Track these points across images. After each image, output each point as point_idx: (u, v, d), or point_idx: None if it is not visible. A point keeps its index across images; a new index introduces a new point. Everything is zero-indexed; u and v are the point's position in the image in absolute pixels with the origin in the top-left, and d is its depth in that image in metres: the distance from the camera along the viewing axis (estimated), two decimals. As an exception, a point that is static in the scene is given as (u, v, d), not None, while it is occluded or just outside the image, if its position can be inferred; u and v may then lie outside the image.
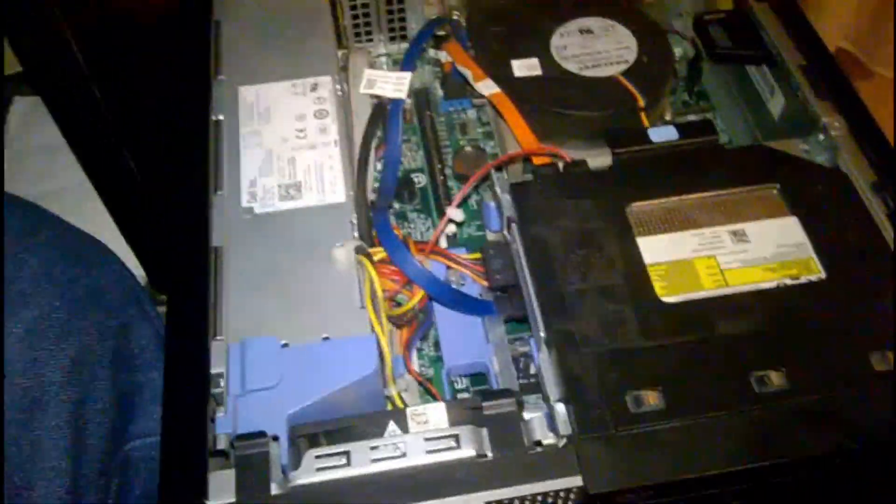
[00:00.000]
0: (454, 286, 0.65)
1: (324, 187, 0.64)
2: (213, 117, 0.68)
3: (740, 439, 0.49)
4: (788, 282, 0.56)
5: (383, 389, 0.57)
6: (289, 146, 0.67)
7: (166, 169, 0.62)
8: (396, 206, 0.78)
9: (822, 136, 0.65)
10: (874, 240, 0.58)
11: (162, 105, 0.66)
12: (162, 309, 0.66)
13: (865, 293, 0.55)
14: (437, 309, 0.64)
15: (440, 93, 0.86)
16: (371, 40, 0.85)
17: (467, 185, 0.63)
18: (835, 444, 0.49)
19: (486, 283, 0.64)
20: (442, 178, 0.78)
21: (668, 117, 0.74)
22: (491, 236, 0.70)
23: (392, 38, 0.86)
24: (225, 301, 0.57)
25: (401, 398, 0.57)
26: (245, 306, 0.57)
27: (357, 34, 0.85)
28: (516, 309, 0.61)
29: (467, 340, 0.63)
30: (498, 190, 0.62)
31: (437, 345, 0.65)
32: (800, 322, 0.54)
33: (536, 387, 0.58)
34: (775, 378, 0.51)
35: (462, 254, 0.66)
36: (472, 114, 0.84)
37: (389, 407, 0.58)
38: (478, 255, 0.66)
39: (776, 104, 0.75)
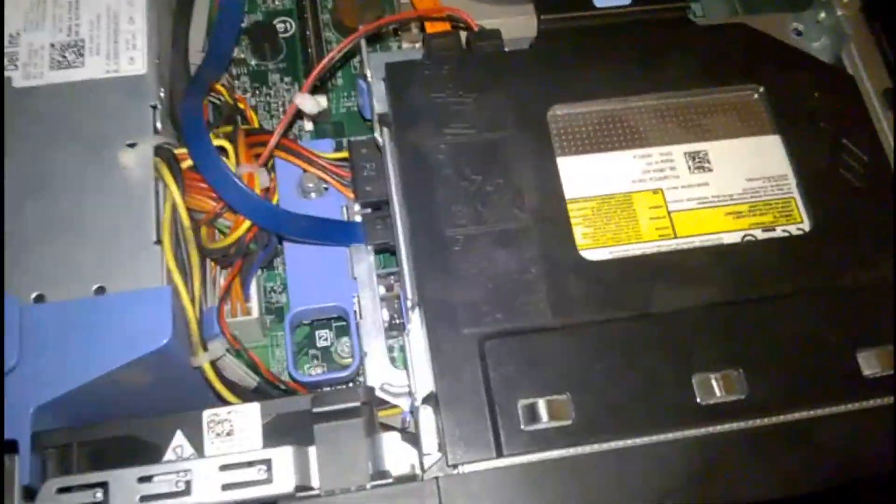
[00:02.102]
0: (309, 194, 0.48)
1: (117, 50, 0.44)
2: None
3: (675, 475, 0.35)
4: (759, 234, 0.41)
5: (186, 361, 0.40)
6: (71, -19, 0.46)
7: None
8: (252, 63, 0.58)
9: (823, 14, 0.47)
10: (879, 175, 0.42)
11: None
12: None
13: (861, 258, 0.40)
14: (284, 229, 0.46)
15: None
16: None
17: (322, 63, 0.43)
18: (807, 483, 0.35)
19: (352, 196, 0.47)
20: (315, 27, 0.58)
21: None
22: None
23: None
24: (-54, 229, 0.39)
25: (215, 372, 0.41)
26: (-20, 237, 0.39)
27: None
28: (392, 236, 0.44)
29: (323, 275, 0.46)
30: (369, 73, 0.43)
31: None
32: (769, 298, 0.38)
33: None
34: (729, 384, 0.36)
35: (324, 150, 0.48)
36: (363, -64, 0.62)
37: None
38: (345, 155, 0.48)
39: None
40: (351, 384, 0.47)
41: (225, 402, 0.41)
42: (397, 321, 0.47)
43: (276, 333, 0.50)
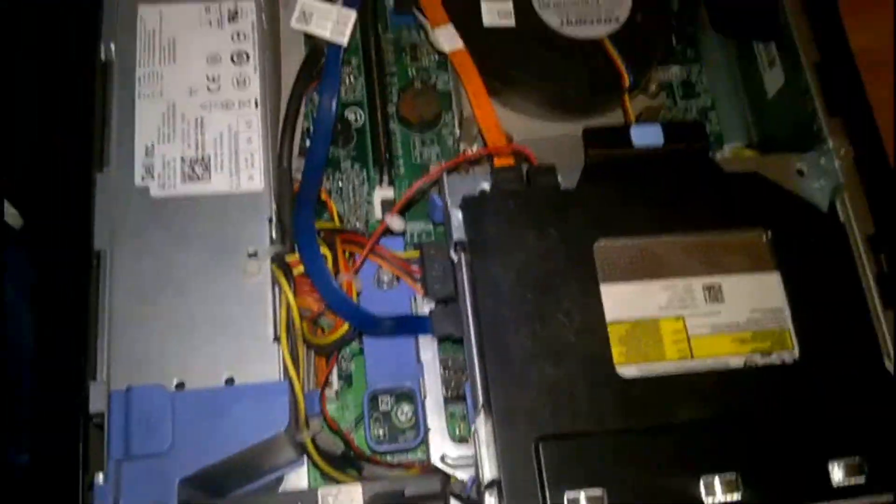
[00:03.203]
0: (384, 286, 0.57)
1: (238, 167, 0.53)
2: (102, 54, 0.53)
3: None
4: (758, 359, 0.50)
5: (295, 437, 0.50)
6: (197, 101, 0.54)
7: (32, 138, 0.49)
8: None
9: (823, 160, 0.57)
10: (858, 315, 0.52)
11: (28, 35, 0.51)
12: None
13: (837, 385, 0.50)
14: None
15: (390, 1, 0.71)
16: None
17: (411, 191, 0.52)
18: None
19: (420, 290, 0.56)
20: (383, 119, 0.67)
21: (653, 89, 0.64)
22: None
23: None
24: (107, 327, 0.48)
25: (314, 445, 0.50)
26: (133, 332, 0.48)
27: None
28: (456, 329, 0.53)
29: (395, 360, 0.55)
30: (448, 202, 0.52)
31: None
32: (763, 414, 0.49)
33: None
34: (726, 487, 0.46)
35: (396, 249, 0.57)
36: (426, 33, 0.71)
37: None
38: (415, 254, 0.57)
39: (773, 80, 0.65)
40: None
41: (319, 469, 0.51)
42: (452, 395, 0.56)
43: (345, 397, 0.59)
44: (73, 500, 0.43)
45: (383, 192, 0.64)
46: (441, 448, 0.53)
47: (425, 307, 0.56)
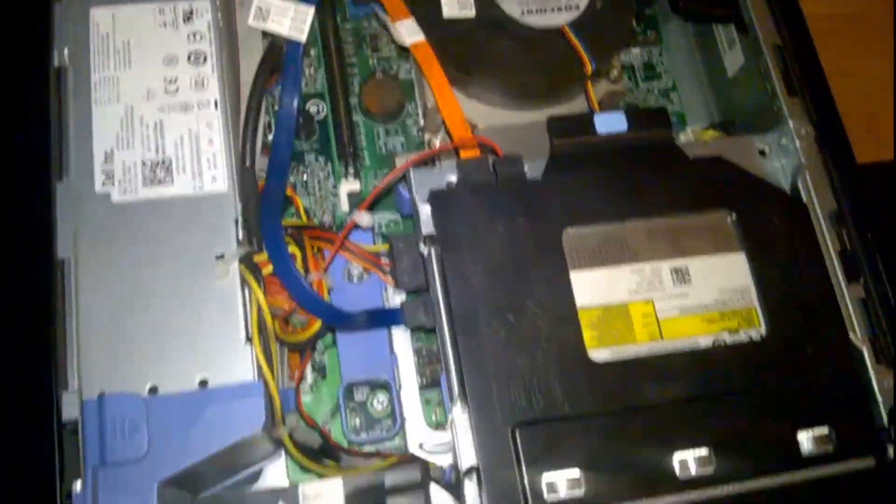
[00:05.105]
0: (354, 280, 0.57)
1: (201, 169, 0.52)
2: (55, 60, 0.52)
3: (658, 535, 0.46)
4: (726, 337, 0.51)
5: (272, 434, 0.49)
6: (155, 105, 0.53)
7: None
8: (290, 143, 0.66)
9: (784, 140, 0.58)
10: (823, 291, 0.53)
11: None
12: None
13: (804, 358, 0.51)
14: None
15: (348, -8, 0.71)
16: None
17: (378, 188, 0.52)
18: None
19: (391, 282, 0.56)
20: (346, 111, 0.66)
21: (614, 74, 0.64)
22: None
23: None
24: (75, 335, 0.47)
25: (292, 441, 0.50)
26: (103, 339, 0.47)
27: None
28: (428, 319, 0.53)
29: (369, 352, 0.55)
30: (416, 198, 0.52)
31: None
32: (733, 391, 0.49)
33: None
34: (700, 461, 0.47)
35: (366, 243, 0.57)
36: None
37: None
38: (384, 248, 0.57)
39: (733, 61, 0.66)
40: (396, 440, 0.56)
41: (297, 462, 0.51)
42: (427, 382, 0.57)
43: (320, 389, 0.59)
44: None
45: (349, 186, 0.63)
46: (418, 436, 0.53)
47: (396, 299, 0.56)
